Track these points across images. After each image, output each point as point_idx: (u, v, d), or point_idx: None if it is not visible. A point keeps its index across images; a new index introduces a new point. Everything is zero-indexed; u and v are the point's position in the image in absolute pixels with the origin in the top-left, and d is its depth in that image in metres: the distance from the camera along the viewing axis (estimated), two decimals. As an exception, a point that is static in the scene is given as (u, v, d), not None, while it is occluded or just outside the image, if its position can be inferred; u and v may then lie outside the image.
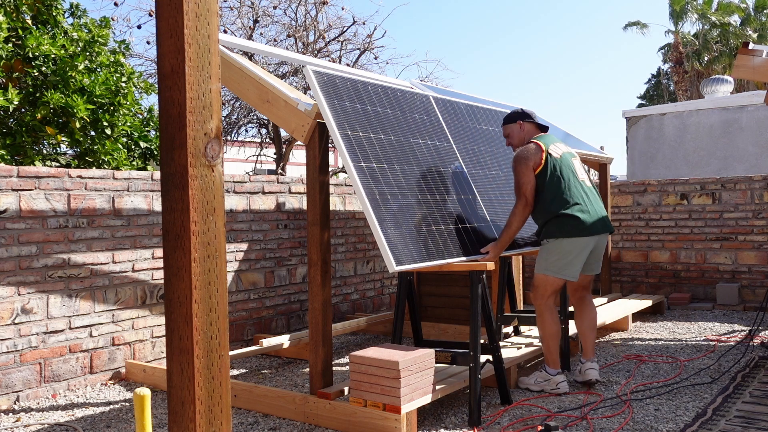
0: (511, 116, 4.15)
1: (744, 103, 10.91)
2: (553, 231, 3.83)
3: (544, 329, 3.92)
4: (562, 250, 3.83)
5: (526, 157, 3.87)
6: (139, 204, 4.50)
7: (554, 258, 3.85)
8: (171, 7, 1.56)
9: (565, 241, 3.81)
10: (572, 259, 3.83)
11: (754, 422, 3.27)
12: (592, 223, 3.81)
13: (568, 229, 3.79)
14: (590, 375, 3.97)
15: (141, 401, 1.87)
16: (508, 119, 4.15)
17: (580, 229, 3.78)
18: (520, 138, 4.10)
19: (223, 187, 2.04)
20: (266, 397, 3.63)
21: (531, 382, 3.95)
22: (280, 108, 3.59)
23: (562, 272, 3.85)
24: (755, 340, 5.05)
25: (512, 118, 4.13)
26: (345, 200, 6.23)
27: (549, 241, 3.87)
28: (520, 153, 3.91)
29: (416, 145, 3.92)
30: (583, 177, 3.98)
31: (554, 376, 3.88)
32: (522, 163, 3.87)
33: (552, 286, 3.89)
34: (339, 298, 6.11)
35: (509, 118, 4.14)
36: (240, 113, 10.99)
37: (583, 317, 4.10)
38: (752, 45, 4.49)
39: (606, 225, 3.93)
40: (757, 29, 26.80)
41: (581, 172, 4.00)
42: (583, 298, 4.14)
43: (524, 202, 3.84)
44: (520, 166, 3.87)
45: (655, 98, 33.30)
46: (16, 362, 3.87)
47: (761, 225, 6.72)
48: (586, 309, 4.12)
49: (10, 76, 5.38)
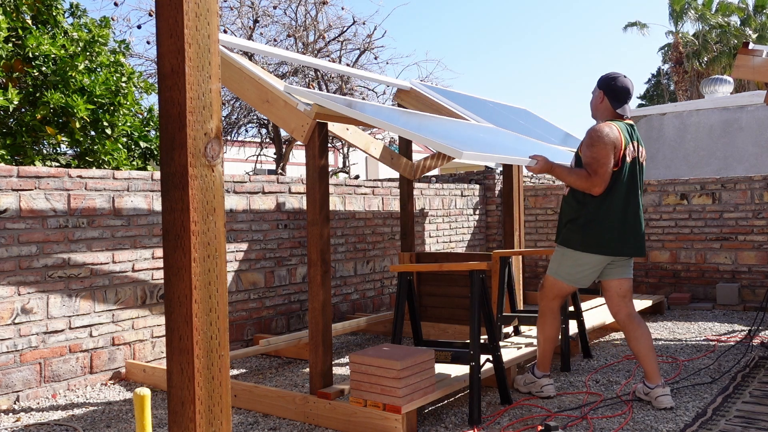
0: (601, 82, 3.71)
1: (744, 103, 10.91)
2: (576, 240, 3.55)
3: (544, 332, 3.81)
4: (578, 262, 3.60)
5: (612, 141, 3.45)
6: (139, 204, 4.50)
7: (567, 266, 3.64)
8: (171, 7, 1.56)
9: (585, 255, 3.56)
10: (587, 272, 3.61)
11: (754, 422, 3.27)
12: (627, 242, 3.52)
13: (592, 244, 3.51)
14: (664, 403, 3.51)
15: (141, 401, 1.87)
16: (599, 81, 3.73)
17: (607, 248, 3.51)
18: (594, 108, 3.73)
19: (223, 187, 2.04)
20: (266, 397, 3.63)
21: (521, 383, 3.90)
22: (280, 108, 3.59)
23: (573, 280, 3.66)
24: (755, 340, 5.05)
25: (600, 84, 3.70)
26: (345, 200, 6.23)
27: (567, 249, 3.62)
28: (602, 132, 3.48)
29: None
30: (638, 191, 3.60)
31: (539, 379, 3.79)
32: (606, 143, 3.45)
33: (560, 291, 3.73)
34: (339, 298, 6.12)
35: (600, 82, 3.72)
36: (240, 113, 10.99)
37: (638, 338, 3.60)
38: (752, 45, 4.50)
39: (638, 249, 3.58)
40: (757, 29, 26.80)
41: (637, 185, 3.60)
42: (630, 317, 3.63)
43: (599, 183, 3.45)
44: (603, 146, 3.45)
45: (655, 98, 33.31)
46: (16, 362, 3.87)
47: (761, 225, 6.72)
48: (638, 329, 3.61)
49: (10, 76, 5.38)
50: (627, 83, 3.66)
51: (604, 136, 3.46)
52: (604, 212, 3.50)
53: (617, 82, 3.64)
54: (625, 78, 3.68)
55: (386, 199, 6.72)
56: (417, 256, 5.65)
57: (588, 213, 3.52)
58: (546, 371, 3.82)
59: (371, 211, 6.51)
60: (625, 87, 3.64)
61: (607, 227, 3.50)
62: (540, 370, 3.83)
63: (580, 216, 3.55)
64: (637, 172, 3.59)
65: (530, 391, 3.84)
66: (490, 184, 8.46)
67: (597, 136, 3.48)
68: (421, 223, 7.22)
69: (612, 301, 3.69)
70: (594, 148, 3.48)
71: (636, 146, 3.61)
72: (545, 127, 6.41)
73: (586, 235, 3.53)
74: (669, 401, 3.52)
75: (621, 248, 3.54)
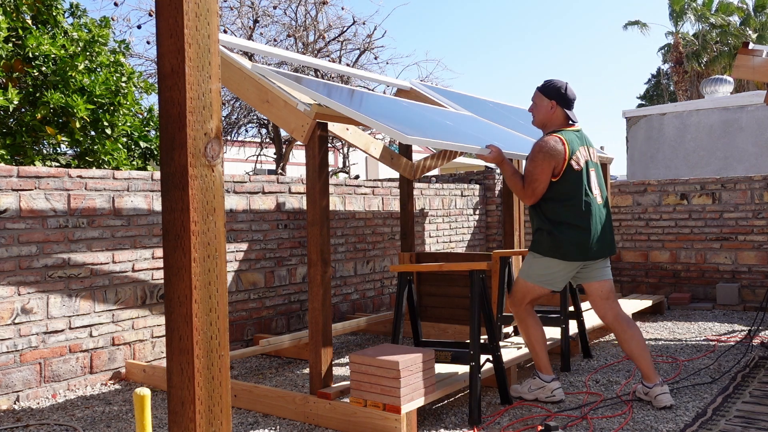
0: (550, 91, 3.71)
1: (744, 103, 10.91)
2: (546, 247, 3.59)
3: (529, 335, 3.73)
4: (548, 265, 3.61)
5: (551, 155, 3.52)
6: (139, 204, 4.49)
7: (537, 268, 3.65)
8: (171, 7, 1.56)
9: (555, 261, 3.59)
10: (558, 276, 3.63)
11: (754, 422, 3.27)
12: (590, 247, 3.55)
13: (561, 251, 3.55)
14: (664, 401, 3.53)
15: (141, 401, 1.87)
16: (545, 90, 3.73)
17: (575, 253, 3.54)
18: (544, 118, 3.74)
19: (223, 187, 2.04)
20: (266, 397, 3.63)
21: (524, 390, 3.75)
22: (280, 108, 3.59)
23: (544, 282, 3.65)
24: (755, 340, 5.05)
25: (550, 94, 3.71)
26: (345, 200, 6.23)
27: (537, 255, 3.64)
28: (545, 146, 3.54)
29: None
30: (596, 193, 3.64)
31: (549, 383, 3.68)
32: (545, 158, 3.53)
33: (532, 294, 3.68)
34: (339, 298, 6.12)
35: (547, 91, 3.72)
36: (240, 113, 10.99)
37: (628, 339, 3.61)
38: (752, 45, 4.50)
39: (608, 249, 3.64)
40: (757, 29, 26.80)
41: (594, 186, 3.65)
42: (617, 319, 3.65)
43: (531, 196, 3.59)
44: (542, 160, 3.53)
45: (655, 98, 33.31)
46: (16, 362, 3.87)
47: (761, 225, 6.72)
48: (628, 330, 3.63)
49: (10, 76, 5.38)
50: (574, 91, 3.77)
51: (546, 151, 3.54)
52: (566, 219, 3.54)
53: (568, 91, 3.72)
54: (569, 85, 3.77)
55: (386, 199, 6.72)
56: (417, 256, 5.65)
57: (550, 221, 3.57)
58: (550, 373, 3.72)
59: (371, 211, 6.51)
60: (574, 95, 3.75)
61: (570, 234, 3.53)
62: (544, 372, 3.72)
63: (544, 224, 3.60)
64: (591, 175, 3.65)
65: (537, 398, 3.70)
66: (490, 184, 8.46)
67: (538, 150, 3.56)
68: (421, 223, 7.22)
69: (596, 305, 3.70)
70: (533, 162, 3.57)
71: (585, 151, 3.66)
72: (545, 127, 6.40)
73: (552, 242, 3.56)
74: (668, 399, 3.53)
75: (586, 253, 3.55)
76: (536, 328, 3.74)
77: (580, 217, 3.54)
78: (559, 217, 3.55)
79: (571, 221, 3.54)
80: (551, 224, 3.57)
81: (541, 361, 3.74)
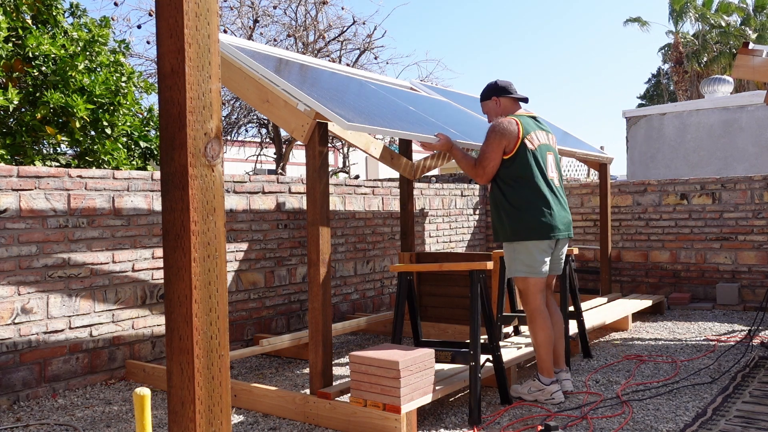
0: (486, 92, 3.95)
1: (744, 103, 10.91)
2: (517, 231, 3.68)
3: (536, 336, 3.73)
4: (528, 251, 3.69)
5: (502, 133, 3.68)
6: (139, 204, 4.49)
7: (523, 258, 3.71)
8: (171, 7, 1.56)
9: (530, 243, 3.68)
10: (540, 259, 3.71)
11: (754, 422, 3.27)
12: (555, 226, 3.68)
13: (530, 232, 3.65)
14: (567, 386, 3.82)
15: (141, 401, 1.87)
16: (483, 96, 3.97)
17: (543, 231, 3.65)
18: (496, 113, 3.93)
19: (223, 187, 2.04)
20: (266, 397, 3.63)
21: (524, 392, 3.76)
22: (280, 108, 3.59)
23: (536, 271, 3.71)
24: (755, 340, 5.05)
25: (487, 95, 3.94)
26: (345, 200, 6.23)
27: (513, 243, 3.73)
28: (498, 125, 3.71)
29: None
30: (552, 175, 3.79)
31: (548, 386, 3.69)
32: (496, 137, 3.68)
33: (536, 287, 3.72)
34: (339, 298, 6.12)
35: (484, 95, 3.96)
36: (240, 113, 10.99)
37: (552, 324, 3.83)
38: (752, 45, 4.49)
39: (568, 229, 3.80)
40: (757, 29, 26.80)
41: (552, 169, 3.80)
42: (548, 303, 3.90)
43: (482, 174, 3.73)
44: (493, 139, 3.69)
45: (655, 98, 33.31)
46: (16, 362, 3.87)
47: (761, 225, 6.72)
48: (552, 316, 3.90)
49: (10, 75, 5.38)
50: (504, 80, 3.97)
51: (498, 131, 3.70)
52: (527, 200, 3.68)
53: (498, 83, 3.93)
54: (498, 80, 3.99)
55: (386, 199, 6.72)
56: (417, 256, 5.65)
57: (512, 204, 3.71)
58: (551, 376, 3.72)
59: (371, 211, 6.51)
60: (507, 82, 3.95)
61: (534, 213, 3.67)
62: (545, 375, 3.72)
63: (506, 208, 3.73)
64: (549, 158, 3.81)
65: (537, 399, 3.70)
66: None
67: (491, 130, 3.74)
68: (421, 223, 7.22)
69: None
70: (486, 141, 3.74)
71: (543, 135, 3.84)
72: (545, 127, 6.40)
73: (517, 224, 3.69)
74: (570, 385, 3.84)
75: (551, 231, 3.68)
76: (544, 329, 3.72)
77: (541, 198, 3.68)
78: (518, 199, 3.69)
79: (533, 201, 3.67)
80: (513, 207, 3.70)
81: (543, 363, 3.73)
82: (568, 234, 3.79)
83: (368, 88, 4.55)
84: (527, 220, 3.65)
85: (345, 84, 4.42)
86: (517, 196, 3.68)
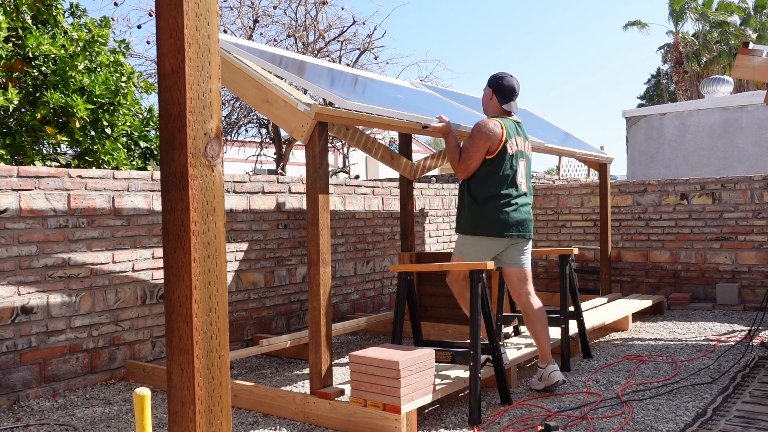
0: (490, 81, 4.05)
1: (744, 103, 10.91)
2: (468, 225, 3.88)
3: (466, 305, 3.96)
4: (479, 246, 3.89)
5: (488, 135, 3.81)
6: (139, 204, 4.49)
7: (470, 248, 3.92)
8: (171, 7, 1.56)
9: (484, 238, 3.86)
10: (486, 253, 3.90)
11: (754, 422, 3.27)
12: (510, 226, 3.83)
13: (482, 228, 3.83)
14: (556, 377, 3.81)
15: (141, 401, 1.87)
16: (489, 80, 4.07)
17: (497, 230, 3.81)
18: (484, 105, 4.08)
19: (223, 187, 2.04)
20: (266, 397, 3.63)
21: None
22: (280, 108, 3.59)
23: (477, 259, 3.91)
24: (755, 340, 5.05)
25: (490, 83, 4.05)
26: (345, 200, 6.23)
27: (469, 237, 3.91)
28: (484, 126, 3.84)
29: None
30: (521, 180, 3.93)
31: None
32: (481, 138, 3.81)
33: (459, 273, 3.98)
34: (339, 298, 6.11)
35: (489, 81, 4.06)
36: (240, 113, 10.98)
37: (533, 319, 3.92)
38: (752, 45, 4.49)
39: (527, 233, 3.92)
40: (757, 29, 26.80)
41: (521, 174, 3.94)
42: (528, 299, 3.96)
43: (464, 170, 3.88)
44: (478, 139, 3.82)
45: (655, 98, 33.31)
46: (16, 362, 3.87)
47: (761, 225, 6.72)
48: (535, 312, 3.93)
49: (10, 75, 5.38)
50: (513, 82, 4.00)
51: (483, 132, 3.82)
52: (489, 197, 3.82)
53: (504, 81, 3.99)
54: (512, 77, 4.02)
55: (386, 199, 6.72)
56: (417, 256, 5.65)
57: (474, 198, 3.86)
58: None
59: (371, 211, 6.51)
60: (511, 86, 3.99)
61: (492, 212, 3.82)
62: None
63: (468, 201, 3.89)
64: (520, 165, 3.94)
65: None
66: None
67: (477, 130, 3.84)
68: (421, 223, 7.22)
69: (513, 285, 4.01)
70: (471, 140, 3.85)
71: (521, 141, 3.96)
72: (544, 127, 6.41)
73: (474, 219, 3.86)
74: (560, 375, 3.82)
75: (505, 230, 3.83)
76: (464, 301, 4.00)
77: (503, 198, 3.83)
78: (483, 195, 3.84)
79: (494, 200, 3.82)
80: (474, 201, 3.86)
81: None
82: (525, 235, 3.91)
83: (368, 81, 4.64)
84: (487, 218, 3.82)
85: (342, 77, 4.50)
86: (481, 193, 3.84)
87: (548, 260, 8.03)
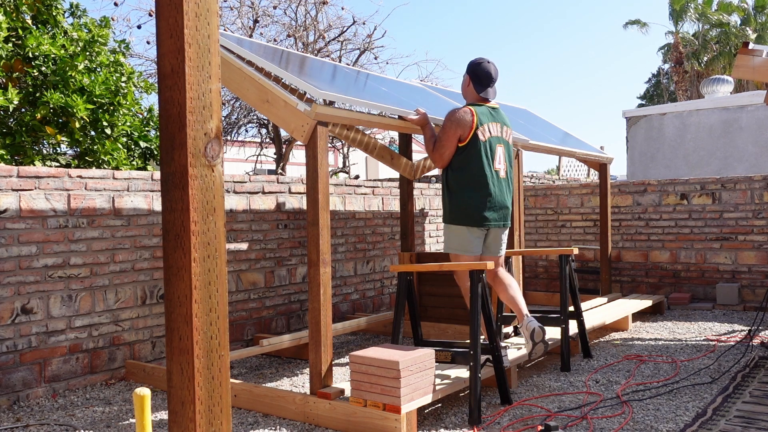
0: (468, 67, 4.11)
1: (744, 103, 10.91)
2: (448, 215, 4.00)
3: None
4: (461, 233, 3.99)
5: (458, 123, 3.90)
6: (139, 204, 4.49)
7: (457, 238, 4.01)
8: (171, 7, 1.56)
9: (464, 227, 3.96)
10: (472, 241, 4.00)
11: (754, 422, 3.27)
12: (488, 215, 3.94)
13: (464, 218, 3.93)
14: (532, 326, 3.87)
15: (141, 401, 1.87)
16: (467, 67, 4.11)
17: (476, 219, 3.92)
18: (462, 91, 4.15)
19: (223, 187, 2.04)
20: (266, 397, 3.63)
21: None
22: (280, 108, 3.59)
23: (467, 250, 4.01)
24: (755, 340, 5.05)
25: (467, 69, 4.10)
26: (345, 200, 6.23)
27: (449, 225, 4.02)
28: (455, 115, 3.92)
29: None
30: (499, 167, 4.01)
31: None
32: (452, 126, 3.90)
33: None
34: (339, 298, 6.11)
35: (467, 67, 4.11)
36: (240, 113, 10.98)
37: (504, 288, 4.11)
38: (752, 45, 4.49)
39: (504, 218, 4.05)
40: (757, 29, 26.80)
41: (499, 161, 4.02)
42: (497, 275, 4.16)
43: (438, 159, 3.98)
44: (449, 128, 3.90)
45: (655, 98, 33.31)
46: (16, 362, 3.87)
47: (761, 225, 6.72)
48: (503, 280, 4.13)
49: (10, 76, 5.38)
50: (490, 68, 4.04)
51: (453, 120, 3.90)
52: (465, 187, 3.92)
53: (480, 68, 4.04)
54: (489, 63, 4.07)
55: (386, 199, 6.72)
56: (417, 256, 5.65)
57: (451, 189, 3.96)
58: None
59: (371, 211, 6.51)
60: (487, 72, 4.03)
61: (469, 201, 3.92)
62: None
63: (447, 191, 3.99)
64: (498, 150, 4.00)
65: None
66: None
67: (448, 119, 3.94)
68: (421, 223, 7.22)
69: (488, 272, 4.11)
70: (442, 129, 3.95)
71: (496, 127, 4.01)
72: (545, 127, 6.41)
73: (453, 209, 3.97)
74: (536, 324, 3.90)
75: (483, 220, 3.94)
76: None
77: (478, 186, 3.91)
78: (460, 185, 3.93)
79: (470, 189, 3.91)
80: (452, 192, 3.96)
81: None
82: (502, 224, 4.05)
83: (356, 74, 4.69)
84: (464, 207, 3.93)
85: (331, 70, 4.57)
86: (459, 183, 3.93)
87: (548, 260, 8.03)
